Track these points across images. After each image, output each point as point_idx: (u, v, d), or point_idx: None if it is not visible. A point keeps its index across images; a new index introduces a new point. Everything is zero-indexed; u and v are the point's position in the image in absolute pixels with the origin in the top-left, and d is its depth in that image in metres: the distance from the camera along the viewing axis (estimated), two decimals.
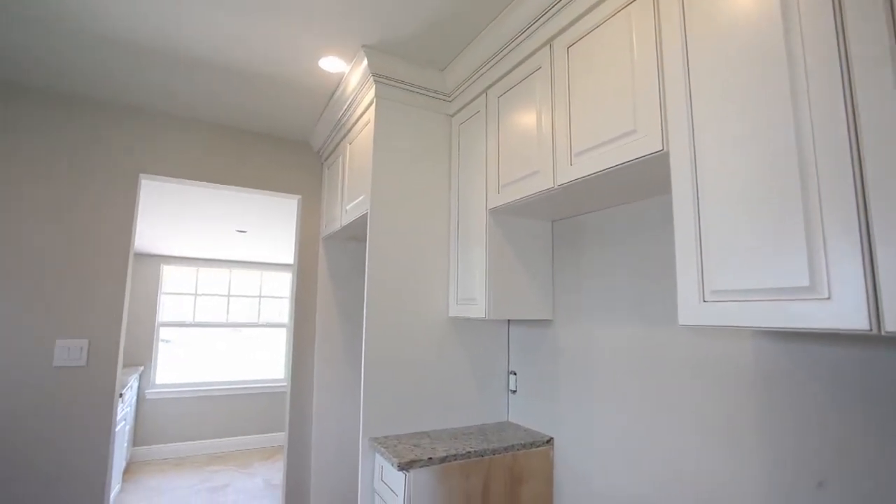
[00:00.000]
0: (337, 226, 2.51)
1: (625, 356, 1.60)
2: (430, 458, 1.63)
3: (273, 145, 2.88)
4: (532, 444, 1.84)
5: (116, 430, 2.43)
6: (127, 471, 4.04)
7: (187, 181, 2.65)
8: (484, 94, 1.93)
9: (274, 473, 4.07)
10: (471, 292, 1.92)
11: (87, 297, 2.36)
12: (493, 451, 1.75)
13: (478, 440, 1.84)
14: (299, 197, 2.93)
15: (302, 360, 2.81)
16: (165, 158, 2.60)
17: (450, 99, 2.17)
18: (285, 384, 5.01)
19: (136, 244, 4.14)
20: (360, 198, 2.13)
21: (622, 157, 1.24)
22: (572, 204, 1.70)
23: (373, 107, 2.04)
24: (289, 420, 2.77)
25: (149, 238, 4.10)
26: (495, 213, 1.85)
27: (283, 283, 5.36)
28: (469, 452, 1.70)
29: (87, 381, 2.33)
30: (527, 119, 1.66)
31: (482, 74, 1.92)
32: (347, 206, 2.33)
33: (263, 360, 5.14)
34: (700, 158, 1.02)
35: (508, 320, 2.23)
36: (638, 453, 1.52)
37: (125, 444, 3.79)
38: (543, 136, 1.55)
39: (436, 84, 2.12)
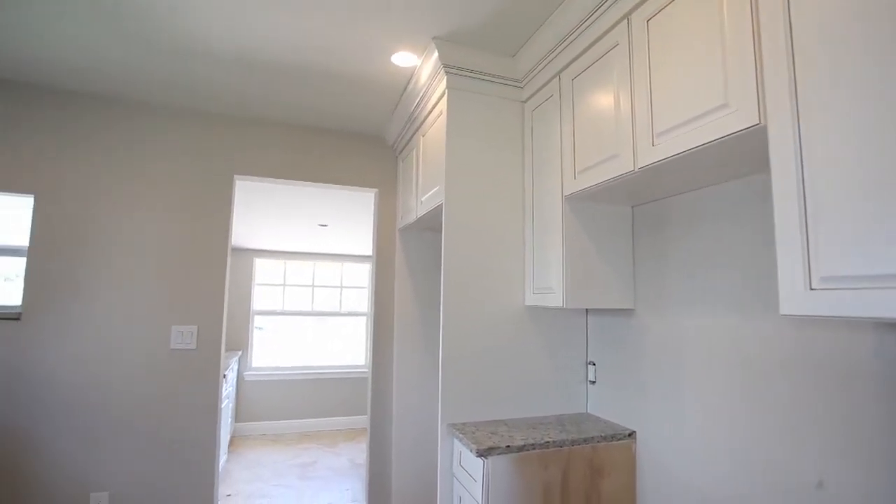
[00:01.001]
0: (412, 217, 2.58)
1: (717, 348, 1.50)
2: (509, 447, 1.64)
3: (350, 142, 3.01)
4: (613, 437, 1.79)
5: (222, 406, 2.71)
6: (231, 444, 4.48)
7: (274, 180, 2.86)
8: (557, 78, 1.88)
9: (358, 453, 4.31)
10: (547, 281, 1.89)
11: (194, 288, 2.64)
12: (573, 442, 1.72)
13: (556, 430, 1.82)
14: (376, 190, 3.04)
15: (381, 347, 2.94)
16: (255, 160, 2.82)
17: (521, 85, 2.13)
18: (366, 370, 5.26)
19: (232, 239, 4.55)
20: (435, 189, 2.17)
21: (711, 135, 1.15)
22: (654, 187, 1.61)
23: (444, 98, 2.06)
24: (370, 404, 2.91)
25: (242, 234, 4.47)
26: (571, 199, 1.80)
27: (362, 274, 5.61)
28: (547, 442, 1.69)
29: (197, 363, 2.61)
30: (603, 100, 1.59)
31: (555, 57, 1.87)
32: (422, 198, 2.39)
33: (345, 347, 5.44)
34: (806, 130, 0.92)
35: (586, 309, 2.17)
36: (735, 454, 1.42)
37: (229, 420, 4.20)
38: (622, 116, 1.48)
39: (507, 71, 2.10)
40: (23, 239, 2.48)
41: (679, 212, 1.68)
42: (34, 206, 2.46)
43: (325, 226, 4.29)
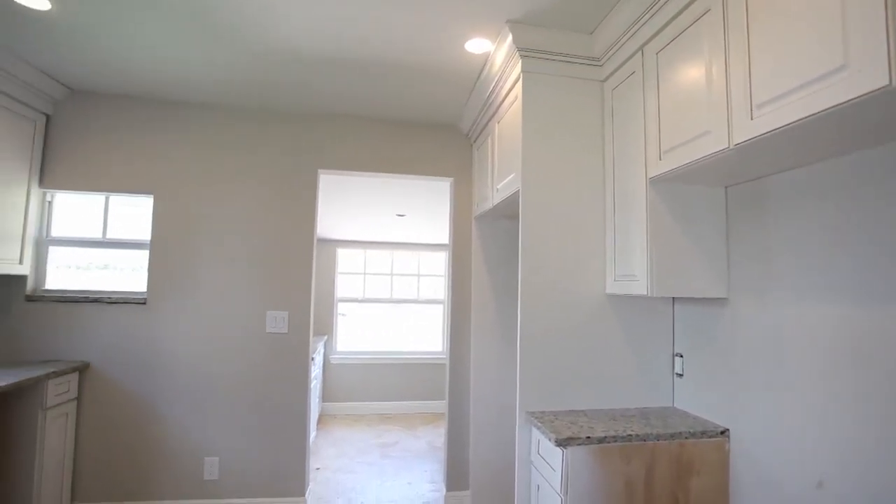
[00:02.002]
0: (488, 205, 2.58)
1: (833, 342, 1.34)
2: (589, 437, 1.60)
3: (426, 132, 3.06)
4: (703, 434, 1.68)
5: (311, 386, 2.92)
6: (319, 422, 4.81)
7: (355, 172, 2.99)
8: (640, 52, 1.77)
9: (436, 437, 4.43)
10: (630, 268, 1.81)
11: (285, 277, 2.86)
12: (658, 437, 1.65)
13: (639, 424, 1.75)
14: (451, 179, 3.08)
15: (459, 335, 2.99)
16: (337, 154, 2.97)
17: (600, 63, 2.04)
18: (443, 357, 5.38)
19: (317, 231, 4.84)
20: (511, 176, 2.15)
21: (825, 102, 1.02)
22: (752, 165, 1.47)
23: (520, 82, 2.02)
24: (448, 390, 2.98)
25: (326, 225, 4.74)
26: (656, 182, 1.70)
27: (438, 262, 5.72)
28: (630, 436, 1.63)
29: (289, 345, 2.83)
30: (693, 73, 1.47)
31: (637, 30, 1.76)
32: (498, 186, 2.38)
33: (423, 333, 5.59)
34: None
35: (673, 298, 2.04)
36: (844, 466, 1.28)
37: (317, 400, 4.51)
38: (714, 89, 1.37)
39: (584, 50, 2.01)
40: (147, 234, 2.83)
41: (782, 191, 1.52)
42: (153, 204, 2.80)
43: (403, 216, 4.42)
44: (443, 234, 5.11)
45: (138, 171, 2.79)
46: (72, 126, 2.75)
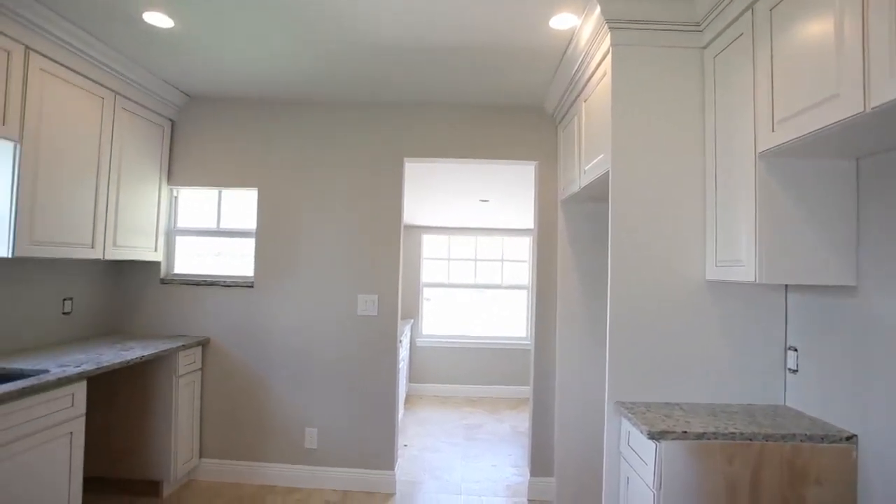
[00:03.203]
0: (575, 188, 2.48)
1: None
2: (685, 432, 1.50)
3: (509, 115, 3.02)
4: (825, 438, 1.50)
5: (399, 367, 3.05)
6: (406, 401, 5.03)
7: (439, 159, 3.03)
8: (749, 11, 1.58)
9: (519, 422, 4.43)
10: (734, 252, 1.65)
11: (374, 262, 3.00)
12: (766, 437, 1.50)
13: (744, 421, 1.60)
14: (536, 162, 3.01)
15: (544, 321, 2.94)
16: (421, 141, 3.03)
17: (700, 28, 1.85)
18: (527, 342, 5.34)
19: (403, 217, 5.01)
20: (600, 156, 2.05)
21: None
22: (893, 131, 1.25)
23: (609, 57, 1.91)
24: (533, 376, 2.95)
25: (411, 211, 4.88)
26: (767, 156, 1.52)
27: (523, 247, 5.65)
28: (733, 433, 1.50)
29: (378, 328, 2.98)
30: (817, 28, 1.28)
31: None
32: (586, 167, 2.28)
33: (507, 319, 5.58)
34: None
35: (786, 285, 1.83)
36: None
37: (404, 380, 4.71)
38: (847, 45, 1.18)
39: (681, 14, 1.84)
40: (253, 224, 3.12)
41: None
42: (258, 197, 3.07)
43: (487, 201, 4.41)
44: (527, 219, 5.03)
45: (245, 167, 3.07)
46: (191, 129, 3.10)
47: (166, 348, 2.61)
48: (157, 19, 2.10)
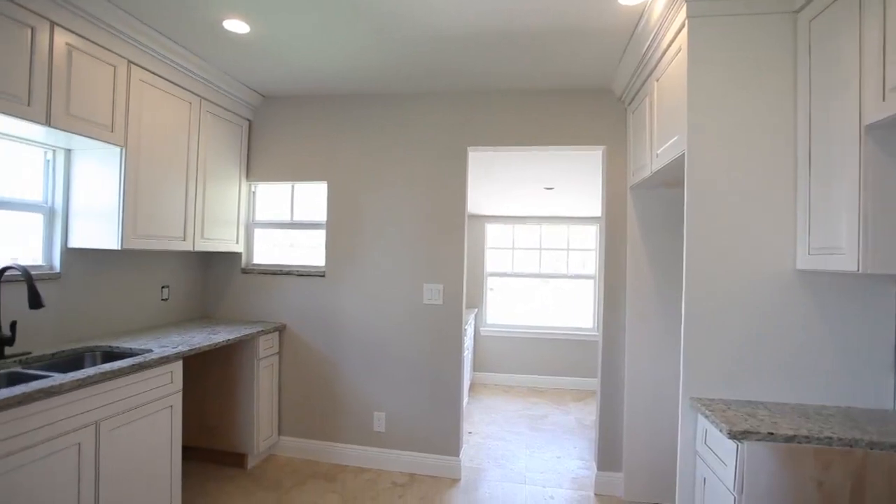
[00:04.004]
0: (646, 172, 2.36)
1: None
2: (772, 434, 1.39)
3: (575, 99, 2.91)
4: None
5: (463, 355, 3.08)
6: (471, 389, 5.07)
7: (503, 147, 3.00)
8: None
9: (586, 415, 4.33)
10: (831, 239, 1.49)
11: (439, 251, 3.03)
12: (871, 445, 1.35)
13: (843, 426, 1.46)
14: (604, 147, 2.88)
15: (612, 312, 2.84)
16: (485, 130, 3.00)
17: None
18: (593, 333, 5.18)
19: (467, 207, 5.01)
20: (674, 138, 1.93)
21: None
22: None
23: (684, 30, 1.78)
24: (601, 369, 2.87)
25: (475, 201, 4.87)
26: (876, 128, 1.35)
27: (589, 236, 5.47)
28: (829, 438, 1.37)
29: (443, 316, 3.02)
30: None
31: None
32: (658, 151, 2.15)
33: (573, 309, 5.45)
34: None
35: None
36: None
37: (468, 368, 4.75)
38: None
39: None
40: (323, 216, 3.27)
41: None
42: (327, 190, 3.21)
43: (551, 188, 4.31)
44: (593, 207, 4.86)
45: (315, 162, 3.22)
46: (266, 127, 3.29)
47: (248, 333, 2.81)
48: (235, 26, 2.24)
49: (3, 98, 1.76)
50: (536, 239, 5.56)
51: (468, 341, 4.53)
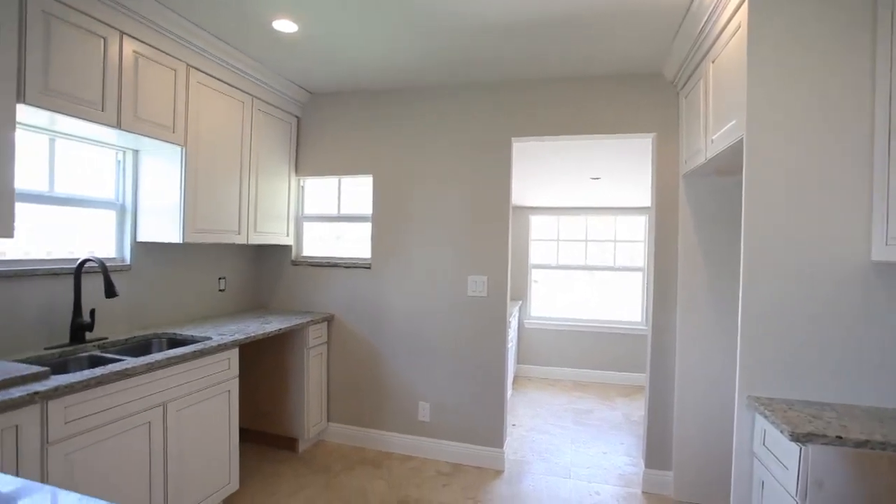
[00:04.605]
0: (700, 159, 2.25)
1: None
2: (840, 438, 1.30)
3: (623, 85, 2.81)
4: None
5: (508, 347, 3.07)
6: (514, 382, 5.05)
7: (547, 137, 2.94)
8: None
9: (633, 410, 4.21)
10: None
11: (483, 244, 3.03)
12: None
13: None
14: (654, 135, 2.77)
15: (662, 305, 2.74)
16: (529, 120, 2.96)
17: None
18: (641, 327, 5.02)
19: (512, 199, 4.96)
20: (731, 123, 1.83)
21: None
22: None
23: (744, 6, 1.67)
24: (650, 364, 2.78)
25: (519, 192, 4.81)
26: None
27: (637, 227, 5.29)
28: None
29: (488, 308, 3.02)
30: None
31: None
32: (713, 136, 2.04)
33: (620, 302, 5.30)
34: None
35: None
36: None
37: (512, 361, 4.73)
38: None
39: None
40: (369, 209, 3.34)
41: None
42: (373, 184, 3.27)
43: (598, 178, 4.19)
44: (642, 197, 4.68)
45: (360, 156, 3.28)
46: (313, 123, 3.38)
47: (298, 323, 2.93)
48: (284, 25, 2.31)
49: (81, 104, 1.91)
50: (582, 230, 5.43)
51: (512, 333, 4.51)
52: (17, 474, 1.41)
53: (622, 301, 5.29)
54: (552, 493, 2.73)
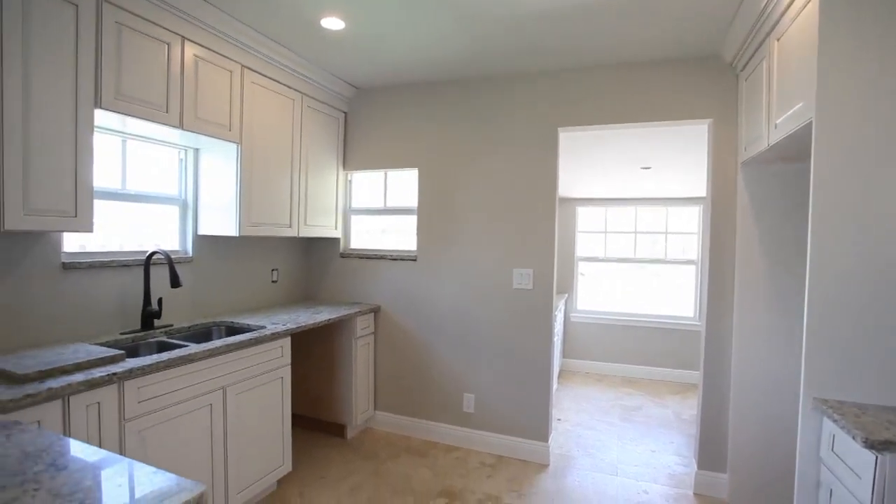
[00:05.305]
0: (762, 145, 2.11)
1: None
2: None
3: (676, 70, 2.68)
4: None
5: (554, 340, 3.03)
6: (560, 376, 4.99)
7: (595, 126, 2.86)
8: None
9: (684, 408, 4.06)
10: None
11: (529, 236, 3.00)
12: None
13: None
14: (710, 120, 2.63)
15: (718, 301, 2.61)
16: (576, 110, 2.88)
17: None
18: (694, 323, 4.82)
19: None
20: (798, 105, 1.70)
21: None
22: None
23: None
24: (703, 361, 2.66)
25: (566, 183, 4.71)
26: None
27: (689, 218, 5.05)
28: None
29: (533, 301, 2.99)
30: None
31: None
32: (777, 120, 1.92)
33: (670, 296, 5.10)
34: None
35: None
36: None
37: (558, 354, 4.67)
38: None
39: None
40: (414, 202, 3.38)
41: None
42: (418, 177, 3.30)
43: (648, 168, 4.03)
44: (695, 187, 4.46)
45: (406, 149, 3.32)
46: (360, 118, 3.45)
47: (346, 313, 3.01)
48: (332, 23, 2.37)
49: (148, 107, 2.04)
50: (631, 222, 5.25)
51: (558, 327, 4.44)
52: (100, 446, 1.55)
53: (673, 295, 5.09)
54: (598, 489, 2.69)
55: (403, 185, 3.50)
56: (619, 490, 2.68)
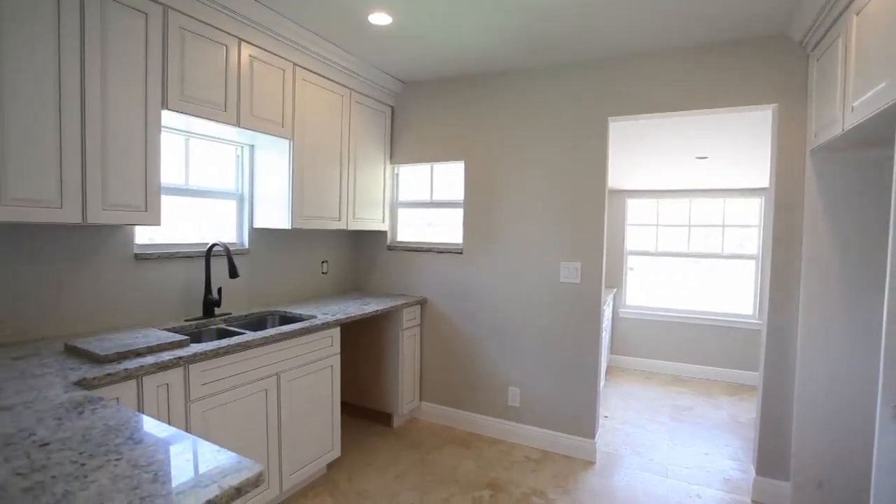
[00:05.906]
0: (836, 130, 1.96)
1: None
2: None
3: (737, 52, 2.52)
4: None
5: (601, 336, 2.96)
6: (608, 372, 4.87)
7: (647, 115, 2.74)
8: None
9: (740, 411, 3.86)
10: None
11: (577, 229, 2.93)
12: None
13: None
14: (775, 105, 2.46)
15: (781, 298, 2.46)
16: (627, 98, 2.78)
17: None
18: (754, 321, 4.56)
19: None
20: (880, 85, 1.56)
21: None
22: None
23: None
24: (764, 362, 2.52)
25: (615, 175, 4.56)
26: None
27: (749, 210, 4.77)
28: None
29: (581, 295, 2.93)
30: None
31: None
32: (854, 103, 1.77)
33: (728, 293, 4.84)
34: None
35: None
36: None
37: (605, 351, 4.55)
38: None
39: None
40: (460, 195, 3.38)
41: None
42: (464, 169, 3.30)
43: (704, 158, 3.84)
44: (757, 177, 4.20)
45: (452, 142, 3.32)
46: (406, 112, 3.48)
47: (393, 305, 3.07)
48: (379, 18, 2.39)
49: (208, 106, 2.15)
50: (685, 214, 5.02)
51: (606, 322, 4.33)
52: (168, 424, 1.67)
53: (731, 291, 4.83)
54: (647, 490, 2.61)
55: (449, 179, 3.50)
56: (670, 492, 2.60)
